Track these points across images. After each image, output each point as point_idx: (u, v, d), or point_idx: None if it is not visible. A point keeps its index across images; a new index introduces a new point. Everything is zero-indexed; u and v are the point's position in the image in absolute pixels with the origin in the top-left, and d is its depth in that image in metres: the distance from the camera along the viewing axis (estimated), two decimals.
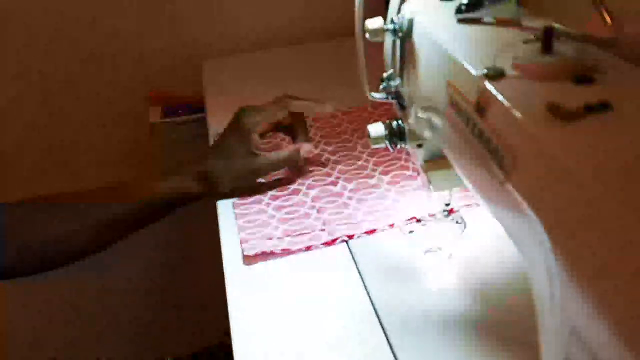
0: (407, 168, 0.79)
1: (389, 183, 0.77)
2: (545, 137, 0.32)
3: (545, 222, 0.32)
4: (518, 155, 0.35)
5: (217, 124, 0.92)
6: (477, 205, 0.72)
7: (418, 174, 0.68)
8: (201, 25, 1.18)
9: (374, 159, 0.82)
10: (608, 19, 0.40)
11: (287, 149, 0.79)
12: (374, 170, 0.80)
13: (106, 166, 1.26)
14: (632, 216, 0.27)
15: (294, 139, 0.82)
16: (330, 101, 0.83)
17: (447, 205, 0.69)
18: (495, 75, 0.39)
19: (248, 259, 0.67)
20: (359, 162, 0.82)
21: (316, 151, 0.81)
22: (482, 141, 0.39)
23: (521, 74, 0.38)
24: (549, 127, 0.33)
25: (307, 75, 1.09)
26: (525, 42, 0.41)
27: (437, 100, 0.47)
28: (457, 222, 0.71)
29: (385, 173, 0.79)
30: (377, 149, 0.83)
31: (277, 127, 0.84)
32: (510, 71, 0.39)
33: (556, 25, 0.40)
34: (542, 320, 0.34)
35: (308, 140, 0.82)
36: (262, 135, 0.81)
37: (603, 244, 0.28)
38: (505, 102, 0.36)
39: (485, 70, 0.39)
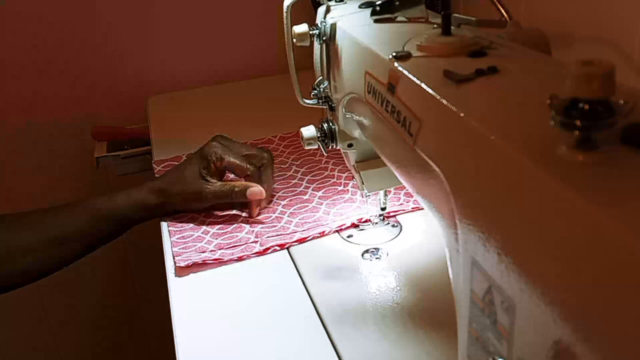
0: (339, 184, 0.82)
1: (321, 197, 0.80)
2: (442, 98, 0.36)
3: (446, 172, 0.36)
4: (422, 119, 0.38)
5: (162, 157, 0.95)
6: (412, 209, 0.76)
7: (352, 177, 0.71)
8: (145, 62, 1.21)
9: (308, 177, 0.85)
10: (504, 11, 0.46)
11: (234, 183, 0.77)
12: (307, 187, 0.83)
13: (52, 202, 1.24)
14: (512, 150, 0.30)
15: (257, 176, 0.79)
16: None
17: (383, 209, 0.73)
18: (402, 56, 0.43)
19: (180, 271, 0.68)
20: (294, 181, 0.85)
21: (265, 195, 0.76)
22: (394, 115, 0.42)
23: (425, 54, 0.42)
24: (446, 90, 0.37)
25: (248, 108, 1.13)
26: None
27: (359, 92, 0.51)
28: (393, 225, 0.74)
29: (318, 189, 0.82)
30: (311, 168, 0.87)
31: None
32: (415, 53, 0.43)
33: (455, 15, 0.45)
34: (450, 261, 0.37)
35: (270, 180, 0.79)
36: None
37: (493, 184, 0.32)
38: (410, 76, 0.40)
39: (394, 54, 0.43)
